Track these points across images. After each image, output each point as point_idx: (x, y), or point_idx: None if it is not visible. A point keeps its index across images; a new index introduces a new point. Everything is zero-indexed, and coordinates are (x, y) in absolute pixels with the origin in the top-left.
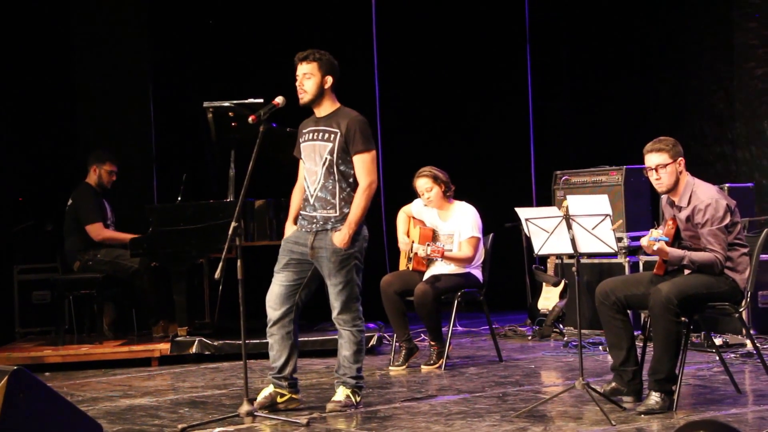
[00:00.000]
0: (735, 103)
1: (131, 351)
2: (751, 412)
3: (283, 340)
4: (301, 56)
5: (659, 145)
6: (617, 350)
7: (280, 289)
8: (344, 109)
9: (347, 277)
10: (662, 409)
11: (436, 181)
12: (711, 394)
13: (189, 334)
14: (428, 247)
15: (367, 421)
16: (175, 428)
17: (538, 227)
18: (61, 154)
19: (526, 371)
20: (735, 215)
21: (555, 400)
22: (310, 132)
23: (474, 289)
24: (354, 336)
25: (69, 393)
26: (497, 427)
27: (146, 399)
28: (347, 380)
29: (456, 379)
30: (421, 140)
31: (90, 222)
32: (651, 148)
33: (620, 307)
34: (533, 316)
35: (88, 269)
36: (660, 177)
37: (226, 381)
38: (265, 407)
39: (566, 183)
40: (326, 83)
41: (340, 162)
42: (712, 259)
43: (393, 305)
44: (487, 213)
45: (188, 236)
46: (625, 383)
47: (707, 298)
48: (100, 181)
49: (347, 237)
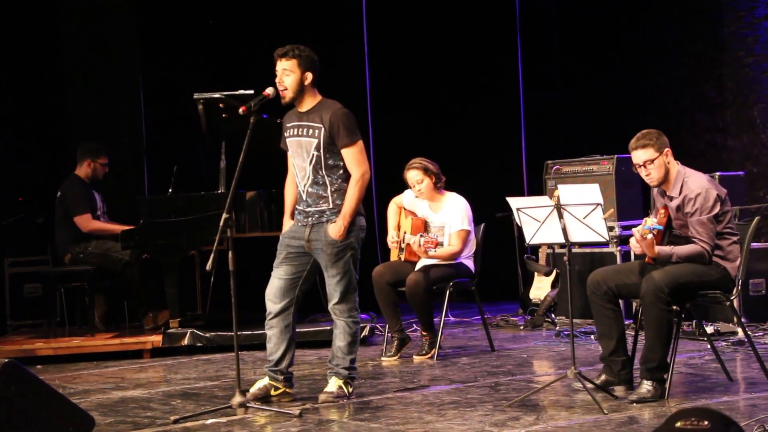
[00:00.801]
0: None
1: (123, 343)
2: (743, 399)
3: (282, 333)
4: (280, 52)
5: (643, 141)
6: (607, 340)
7: (280, 283)
8: (326, 101)
9: (344, 268)
10: (654, 398)
11: (426, 173)
12: (703, 383)
13: (181, 326)
14: (421, 238)
15: (359, 412)
16: (167, 420)
17: (529, 217)
18: (52, 146)
19: (518, 361)
20: (725, 204)
21: (547, 389)
22: (294, 127)
23: (466, 279)
24: (349, 327)
25: (61, 385)
26: (489, 416)
27: (138, 391)
28: (340, 371)
29: (448, 369)
30: (412, 131)
31: (78, 213)
32: (635, 144)
33: (611, 296)
34: (525, 305)
35: (79, 262)
36: (649, 172)
37: (219, 372)
38: (258, 399)
39: (557, 172)
40: (306, 80)
41: (328, 156)
42: (699, 250)
43: (385, 296)
44: (479, 203)
45: (179, 228)
46: (615, 374)
47: (698, 286)
48: (94, 174)
49: (342, 228)
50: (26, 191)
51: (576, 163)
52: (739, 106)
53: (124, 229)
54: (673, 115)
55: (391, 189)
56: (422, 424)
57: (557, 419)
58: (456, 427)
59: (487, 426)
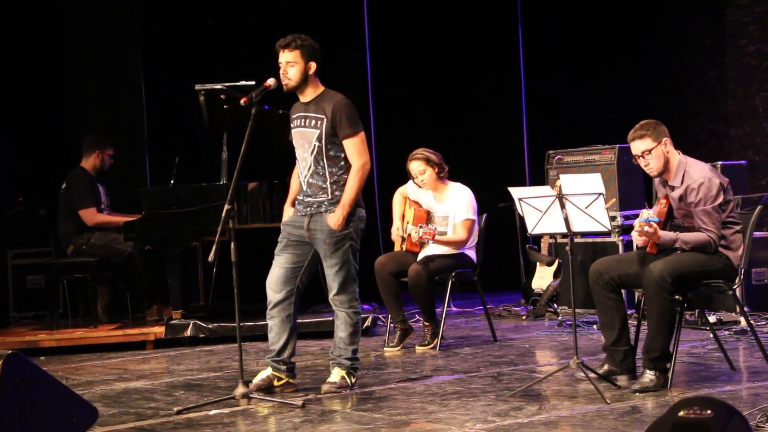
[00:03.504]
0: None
1: (126, 334)
2: (746, 389)
3: (283, 323)
4: (282, 43)
5: (641, 131)
6: (609, 329)
7: (281, 272)
8: (328, 92)
9: (343, 258)
10: (657, 387)
11: (428, 163)
12: (705, 372)
13: (183, 317)
14: (420, 229)
15: (362, 402)
16: (170, 411)
17: (531, 207)
18: (54, 139)
19: (520, 351)
20: (728, 193)
21: (549, 379)
22: (299, 118)
23: (468, 269)
24: (350, 317)
25: (64, 377)
26: (492, 406)
27: (141, 382)
28: (342, 361)
29: (451, 360)
30: (414, 121)
31: (83, 207)
32: (633, 135)
33: (614, 286)
34: (527, 295)
35: (82, 253)
36: (648, 162)
37: (221, 363)
38: (261, 389)
39: (559, 162)
40: (310, 69)
41: (329, 147)
42: (705, 239)
43: (387, 286)
44: (481, 193)
45: (181, 219)
46: (618, 363)
47: (701, 276)
48: (101, 165)
49: (341, 218)
50: (29, 183)
51: (578, 152)
52: (741, 95)
53: (127, 221)
54: (676, 104)
55: (393, 180)
56: (425, 414)
57: (560, 409)
58: (459, 417)
59: (489, 416)
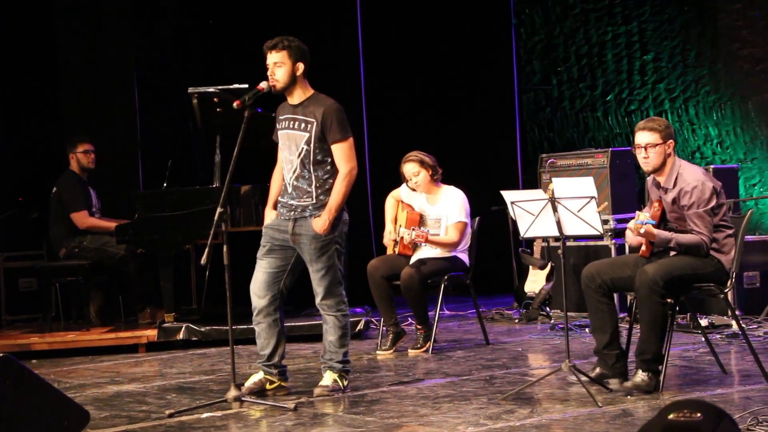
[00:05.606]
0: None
1: (118, 338)
2: (737, 392)
3: (270, 328)
4: (269, 45)
5: (651, 125)
6: (601, 333)
7: (264, 276)
8: (319, 96)
9: (328, 263)
10: (648, 387)
11: (422, 165)
12: (697, 375)
13: (176, 320)
14: (413, 232)
15: (354, 405)
16: (162, 414)
17: (523, 210)
18: (46, 141)
19: (512, 354)
20: (721, 197)
21: (542, 382)
22: (286, 120)
23: (461, 272)
24: (338, 321)
25: (56, 380)
26: (484, 409)
27: (134, 385)
28: (334, 365)
29: (443, 363)
30: (407, 124)
31: (75, 210)
32: (643, 126)
33: (606, 290)
34: (520, 299)
35: (74, 256)
36: (648, 156)
37: (214, 366)
38: (254, 393)
39: (552, 166)
40: (298, 70)
41: (317, 151)
42: (698, 241)
43: (380, 289)
44: (474, 196)
45: (174, 222)
46: (609, 367)
47: (693, 279)
48: (80, 165)
49: (327, 223)
50: (21, 186)
51: (571, 156)
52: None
53: (119, 224)
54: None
55: (386, 183)
56: (417, 418)
57: (552, 412)
58: (451, 420)
59: (481, 419)
